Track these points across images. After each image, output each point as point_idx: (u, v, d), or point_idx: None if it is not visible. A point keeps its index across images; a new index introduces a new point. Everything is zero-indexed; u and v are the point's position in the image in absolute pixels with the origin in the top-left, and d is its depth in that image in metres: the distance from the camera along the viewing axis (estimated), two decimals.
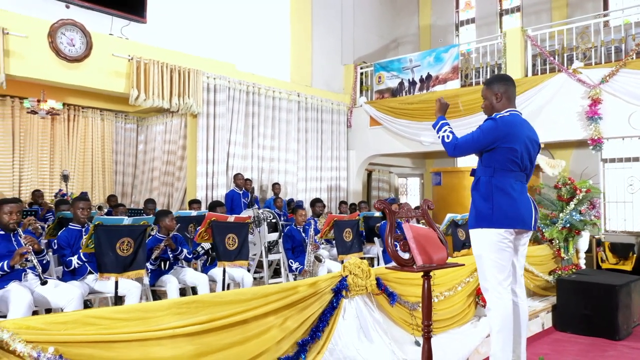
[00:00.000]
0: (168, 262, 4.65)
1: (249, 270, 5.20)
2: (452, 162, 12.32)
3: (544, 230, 6.70)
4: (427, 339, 3.06)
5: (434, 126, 3.21)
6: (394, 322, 4.14)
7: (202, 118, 8.43)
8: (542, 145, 3.77)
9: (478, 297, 5.07)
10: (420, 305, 4.39)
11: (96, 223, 3.47)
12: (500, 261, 2.91)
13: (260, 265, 6.80)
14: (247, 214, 7.46)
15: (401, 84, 10.72)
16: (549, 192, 7.05)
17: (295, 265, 5.61)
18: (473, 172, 3.14)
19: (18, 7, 6.52)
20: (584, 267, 6.50)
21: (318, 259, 5.46)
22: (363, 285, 3.78)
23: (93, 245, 3.49)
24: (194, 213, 6.05)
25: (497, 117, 3.03)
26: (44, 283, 3.46)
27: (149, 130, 11.36)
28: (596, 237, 8.23)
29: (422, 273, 3.11)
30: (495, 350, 2.89)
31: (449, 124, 3.11)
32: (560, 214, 6.55)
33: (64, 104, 10.17)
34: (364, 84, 11.60)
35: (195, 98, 8.18)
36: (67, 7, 7.08)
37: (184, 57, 8.13)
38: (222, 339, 2.94)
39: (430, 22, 14.05)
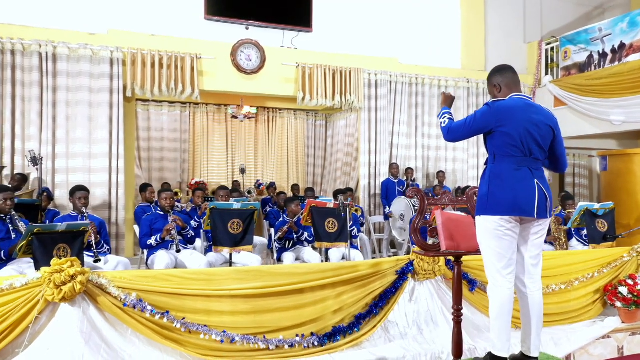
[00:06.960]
0: (292, 241, 5.45)
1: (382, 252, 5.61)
2: None
3: None
4: (457, 322, 3.16)
5: (437, 117, 3.24)
6: (476, 309, 4.14)
7: (364, 112, 9.08)
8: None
9: (606, 295, 4.58)
10: None
11: (211, 207, 4.43)
12: (499, 249, 2.79)
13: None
14: (398, 202, 7.88)
15: (590, 57, 9.54)
16: None
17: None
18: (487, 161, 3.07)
19: (208, 34, 8.13)
20: None
21: None
22: (430, 270, 3.94)
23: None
24: None
25: (491, 102, 2.91)
26: (178, 251, 4.58)
27: (334, 125, 12.49)
28: None
29: (452, 258, 3.21)
30: (493, 337, 2.81)
31: (450, 112, 3.09)
32: None
33: (263, 108, 12.01)
34: (552, 61, 10.62)
35: (357, 94, 8.85)
36: (247, 28, 8.48)
37: (346, 58, 8.87)
38: (277, 303, 3.56)
39: None
